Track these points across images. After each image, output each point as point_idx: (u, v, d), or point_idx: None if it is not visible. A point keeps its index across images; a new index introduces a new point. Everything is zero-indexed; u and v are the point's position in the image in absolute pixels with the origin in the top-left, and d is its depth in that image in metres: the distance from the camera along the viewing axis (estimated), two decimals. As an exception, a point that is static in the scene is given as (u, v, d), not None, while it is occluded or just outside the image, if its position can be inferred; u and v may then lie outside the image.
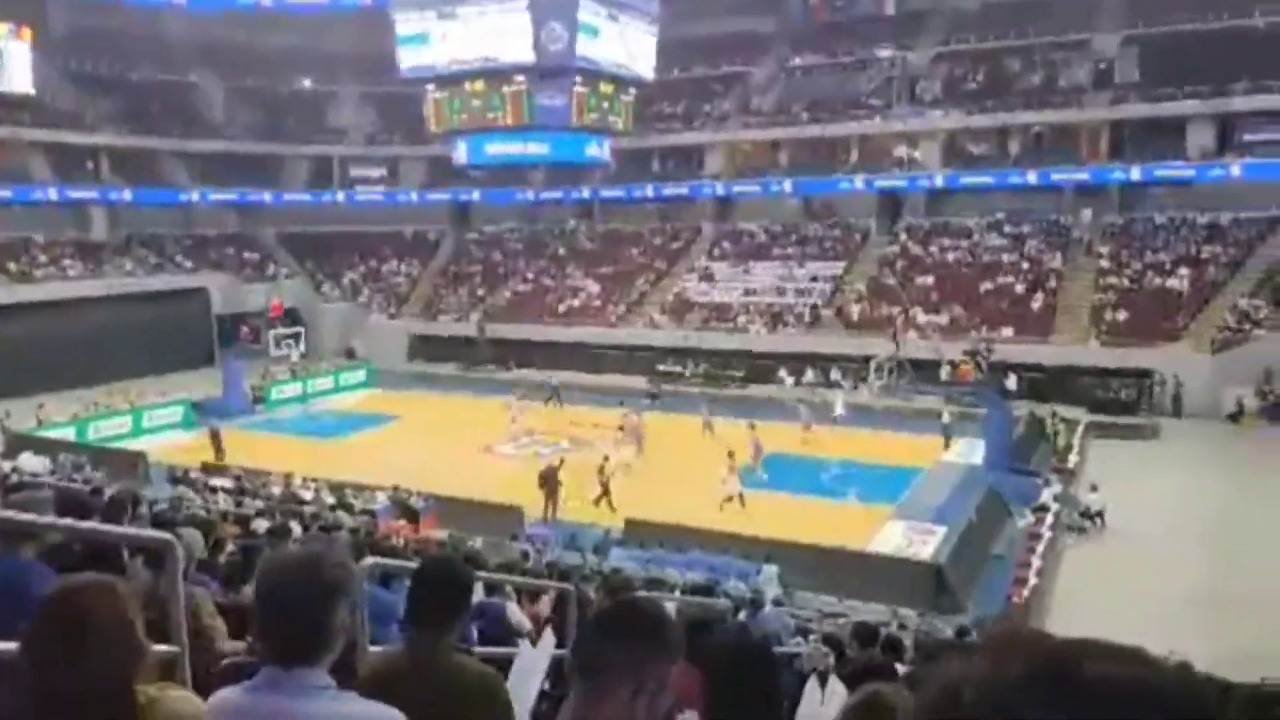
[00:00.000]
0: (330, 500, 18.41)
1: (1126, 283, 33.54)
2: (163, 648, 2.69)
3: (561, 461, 21.34)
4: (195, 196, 43.88)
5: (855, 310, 36.02)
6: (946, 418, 25.89)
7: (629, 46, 24.12)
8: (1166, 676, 0.83)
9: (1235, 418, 27.94)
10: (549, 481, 20.12)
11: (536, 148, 25.00)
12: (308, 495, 18.80)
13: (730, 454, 21.17)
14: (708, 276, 40.69)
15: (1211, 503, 20.44)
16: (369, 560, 3.97)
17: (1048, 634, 0.93)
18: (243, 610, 3.93)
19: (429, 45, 22.99)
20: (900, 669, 5.66)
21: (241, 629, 3.74)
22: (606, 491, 20.38)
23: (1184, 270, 33.04)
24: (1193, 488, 21.62)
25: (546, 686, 3.31)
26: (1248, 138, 34.45)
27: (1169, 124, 35.31)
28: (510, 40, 21.75)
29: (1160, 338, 30.49)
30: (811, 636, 9.17)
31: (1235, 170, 33.71)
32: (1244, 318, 30.14)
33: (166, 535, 3.10)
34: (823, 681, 4.26)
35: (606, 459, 20.85)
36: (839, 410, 27.61)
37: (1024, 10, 40.60)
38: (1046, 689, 0.80)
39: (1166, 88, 35.04)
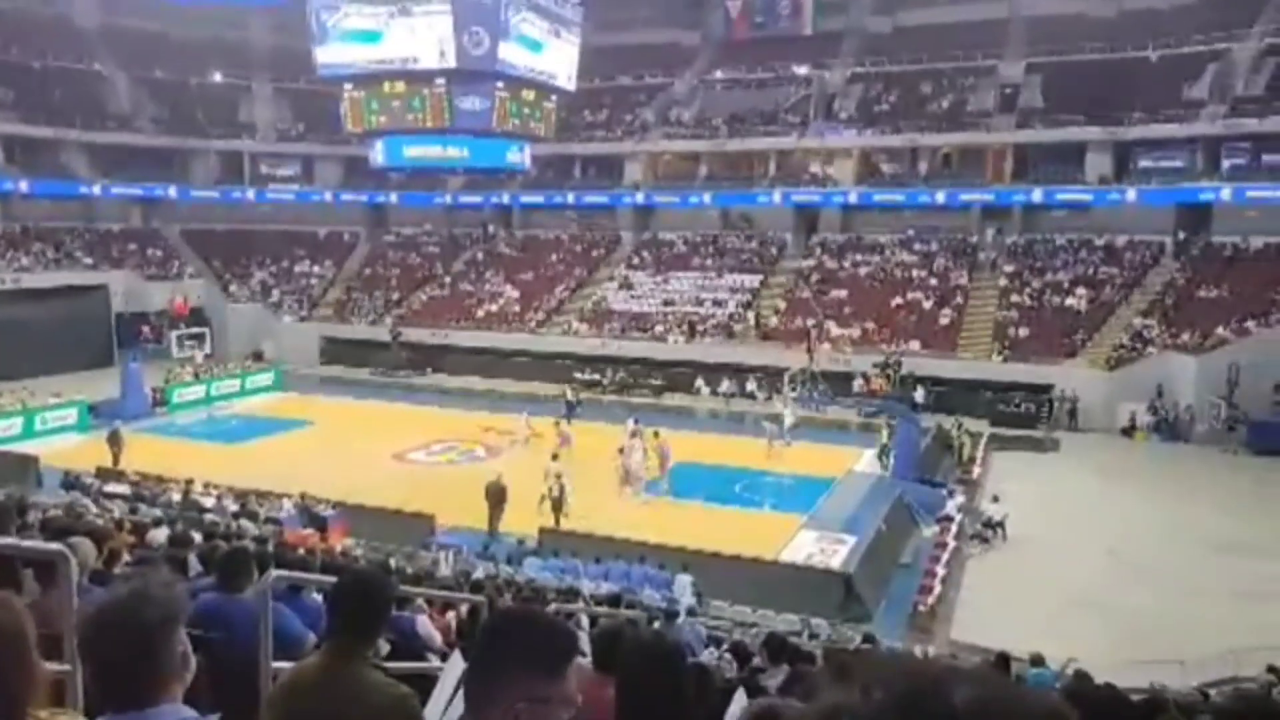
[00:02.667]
0: (233, 508, 17.83)
1: (1028, 300, 34.78)
2: (54, 666, 2.57)
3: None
4: (96, 189, 42.20)
5: (772, 322, 36.54)
6: (885, 436, 25.55)
7: (554, 56, 24.06)
8: (1028, 701, 0.86)
9: (1128, 432, 29.22)
10: (495, 495, 19.76)
11: (456, 151, 24.64)
12: (209, 503, 18.17)
13: (555, 456, 21.19)
14: (627, 285, 40.81)
15: (1106, 513, 21.30)
16: (273, 573, 3.86)
17: (920, 660, 0.98)
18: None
19: (347, 44, 22.56)
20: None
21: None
22: (555, 505, 20.11)
23: (1082, 290, 34.43)
24: (1089, 499, 22.53)
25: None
26: (1142, 164, 36.12)
27: (1069, 149, 36.84)
28: (431, 43, 21.48)
29: (1059, 354, 31.69)
30: (723, 646, 9.24)
31: (1130, 195, 35.28)
32: (1137, 337, 31.54)
33: (58, 546, 2.96)
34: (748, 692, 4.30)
35: (559, 477, 20.54)
36: (789, 421, 27.43)
37: (934, 35, 41.93)
38: (913, 713, 0.84)
39: (1067, 114, 36.52)
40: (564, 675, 1.74)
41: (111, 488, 19.20)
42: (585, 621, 8.51)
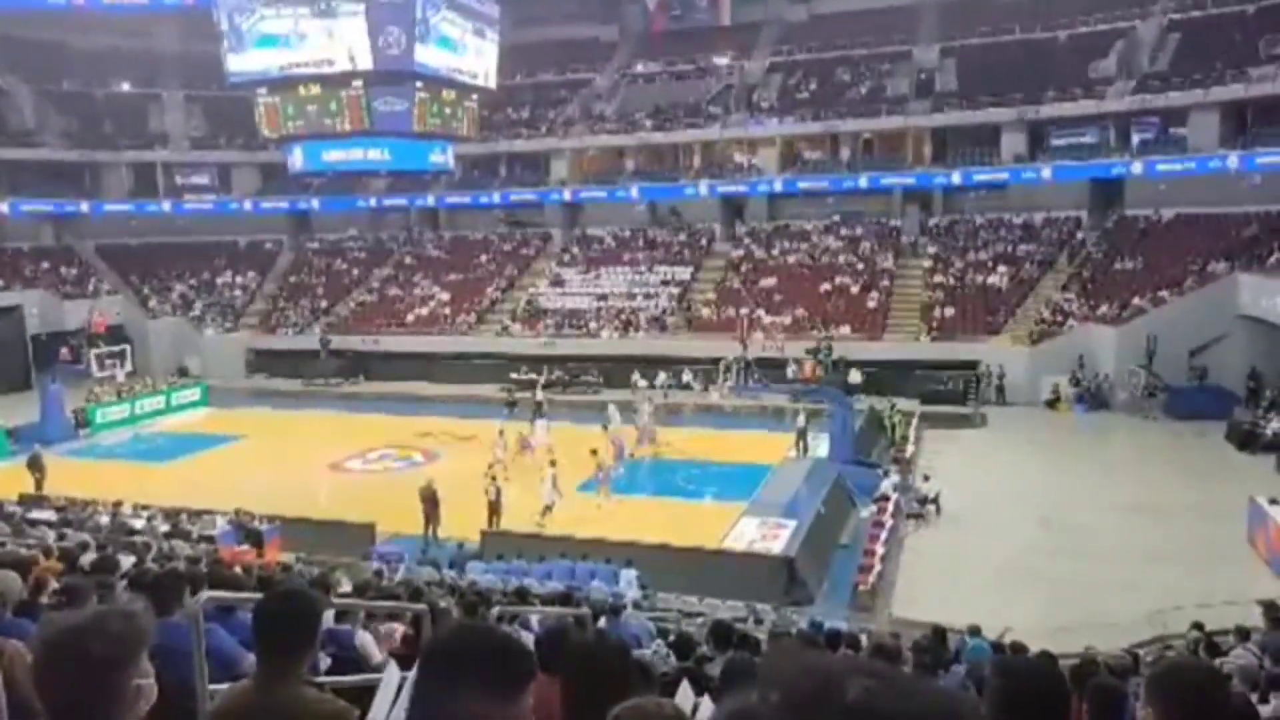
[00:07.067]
0: (164, 528, 17.39)
1: (952, 280, 35.54)
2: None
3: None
4: (4, 208, 40.60)
5: (704, 313, 36.77)
6: (801, 420, 25.75)
7: (475, 55, 23.84)
8: (920, 696, 0.87)
9: (1052, 404, 30.08)
10: (428, 501, 19.53)
11: (377, 154, 24.26)
12: (139, 524, 17.67)
13: (552, 462, 21.24)
14: (558, 282, 40.69)
15: (1035, 484, 21.95)
16: (205, 594, 3.79)
17: (819, 656, 0.99)
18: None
19: (262, 49, 22.04)
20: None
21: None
22: (491, 508, 20.00)
23: (1003, 268, 35.30)
24: (1017, 471, 23.20)
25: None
26: (1055, 142, 37.16)
27: (985, 130, 37.70)
28: (346, 45, 21.12)
29: (984, 332, 32.48)
30: (669, 638, 9.30)
31: (1045, 173, 36.26)
32: (1057, 310, 32.47)
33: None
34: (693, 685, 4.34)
35: (494, 479, 20.43)
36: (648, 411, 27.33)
37: (849, 22, 42.59)
38: (810, 714, 0.85)
39: (981, 96, 37.36)
40: (520, 700, 1.65)
41: (36, 514, 18.55)
42: (534, 622, 8.50)
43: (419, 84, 22.08)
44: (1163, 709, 2.23)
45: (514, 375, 34.30)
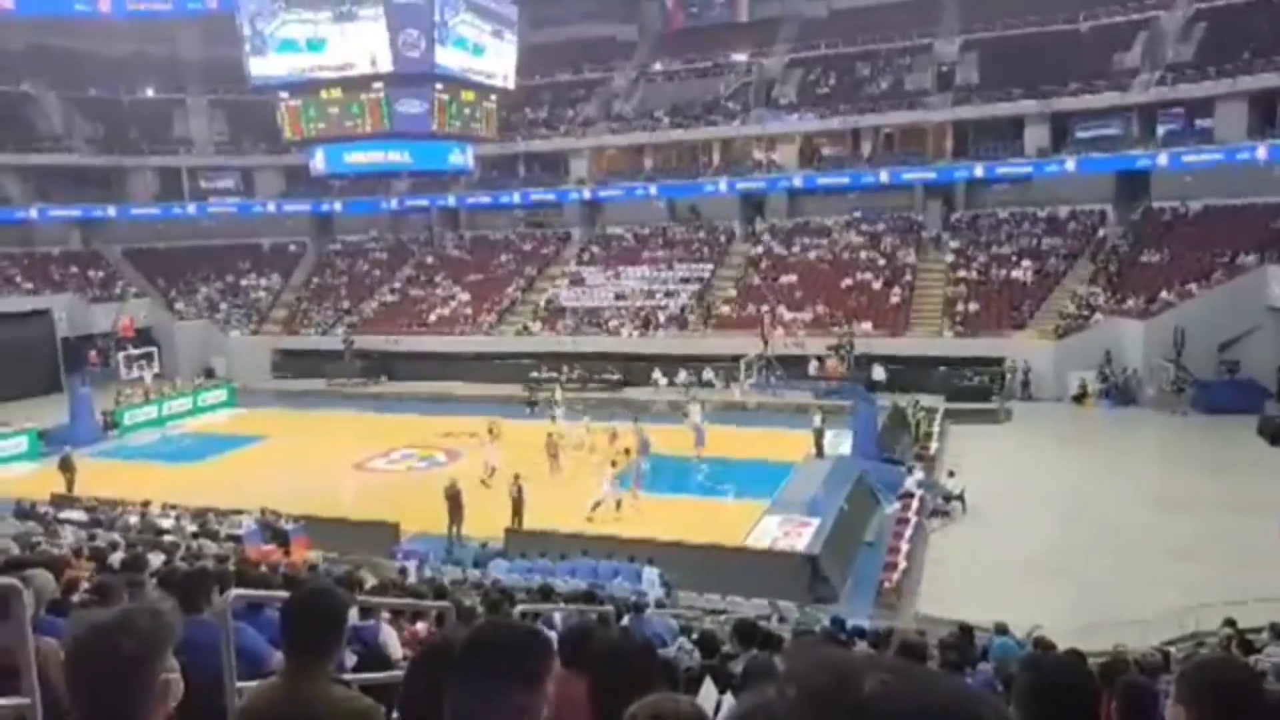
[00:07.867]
0: (192, 528, 17.57)
1: (975, 275, 35.24)
2: (12, 701, 2.55)
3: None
4: (33, 213, 41.27)
5: (724, 310, 36.70)
6: (818, 420, 25.29)
7: (494, 57, 23.92)
8: (937, 689, 0.86)
9: (1079, 399, 29.79)
10: (452, 500, 19.61)
11: (398, 156, 24.46)
12: (167, 524, 17.87)
13: (614, 463, 21.33)
14: (578, 281, 40.74)
15: (1062, 480, 21.74)
16: (233, 592, 3.83)
17: (837, 651, 0.98)
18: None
19: (284, 53, 22.21)
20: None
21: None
22: (515, 507, 20.01)
23: (1027, 262, 34.96)
24: (1044, 467, 22.99)
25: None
26: (1079, 135, 36.73)
27: (1007, 123, 37.33)
28: (366, 47, 21.26)
29: (1008, 326, 32.19)
30: (693, 636, 9.30)
31: (1069, 165, 35.82)
32: (1084, 305, 32.14)
33: (9, 580, 2.92)
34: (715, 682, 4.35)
35: (516, 477, 20.49)
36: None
37: (869, 16, 42.31)
38: (827, 708, 0.84)
39: (1004, 89, 37.02)
40: (544, 687, 1.73)
41: (67, 514, 18.85)
42: (557, 620, 8.52)
43: (438, 85, 22.19)
44: (1195, 707, 2.19)
45: (534, 375, 34.39)
